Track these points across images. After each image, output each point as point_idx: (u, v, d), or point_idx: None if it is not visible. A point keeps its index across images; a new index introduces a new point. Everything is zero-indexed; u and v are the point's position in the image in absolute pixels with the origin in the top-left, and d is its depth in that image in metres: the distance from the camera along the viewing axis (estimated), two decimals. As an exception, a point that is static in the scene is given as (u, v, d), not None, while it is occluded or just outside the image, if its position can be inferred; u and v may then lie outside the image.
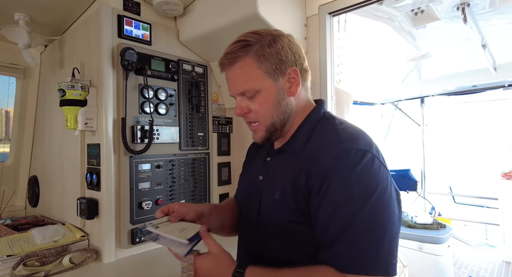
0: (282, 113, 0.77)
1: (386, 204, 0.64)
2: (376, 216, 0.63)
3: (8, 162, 1.82)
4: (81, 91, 1.23)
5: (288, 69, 0.75)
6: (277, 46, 0.74)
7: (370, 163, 0.65)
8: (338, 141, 0.69)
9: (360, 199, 0.63)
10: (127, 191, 1.25)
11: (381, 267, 0.61)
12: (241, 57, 0.74)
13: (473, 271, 3.40)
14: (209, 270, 0.69)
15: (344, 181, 0.64)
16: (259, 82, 0.74)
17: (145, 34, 1.35)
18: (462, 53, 2.78)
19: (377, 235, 0.62)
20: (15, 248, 1.17)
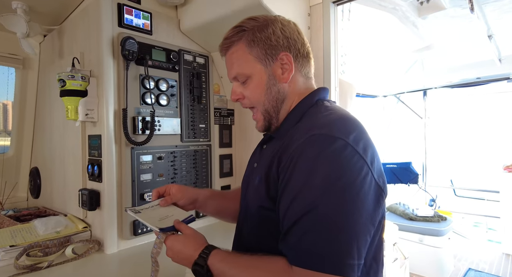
0: (274, 100, 0.76)
1: (352, 197, 0.57)
2: (336, 208, 0.56)
3: (9, 153, 1.82)
4: (82, 81, 1.22)
5: (280, 54, 0.74)
6: (268, 31, 0.74)
7: (339, 151, 0.59)
8: (312, 127, 0.65)
9: (319, 187, 0.57)
10: (128, 183, 1.25)
11: (333, 265, 0.55)
12: (235, 43, 0.76)
13: (473, 263, 3.42)
14: (179, 250, 0.72)
15: (306, 167, 0.60)
16: (249, 67, 0.75)
17: (145, 23, 1.33)
18: (466, 44, 2.74)
19: (333, 230, 0.56)
20: (18, 238, 1.17)
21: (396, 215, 3.56)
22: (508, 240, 3.63)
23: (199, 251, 0.69)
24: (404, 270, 1.93)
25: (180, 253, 0.72)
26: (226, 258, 0.67)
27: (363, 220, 0.58)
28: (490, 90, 4.39)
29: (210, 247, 0.70)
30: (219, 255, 0.68)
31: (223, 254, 0.69)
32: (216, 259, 0.67)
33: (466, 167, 5.45)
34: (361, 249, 0.57)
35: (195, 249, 0.69)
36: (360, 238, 0.57)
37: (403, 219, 3.36)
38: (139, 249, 1.26)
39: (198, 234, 0.75)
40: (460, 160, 5.52)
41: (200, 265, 0.67)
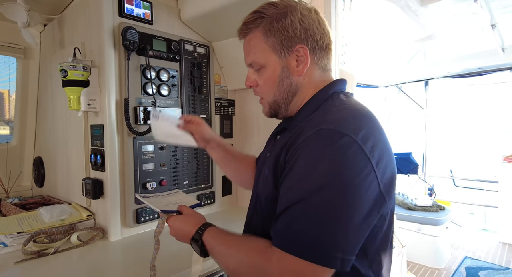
0: (285, 92, 0.75)
1: (348, 195, 0.57)
2: (329, 202, 0.56)
3: (13, 143, 1.84)
4: (83, 71, 1.22)
5: (297, 46, 0.71)
6: (286, 21, 0.71)
7: (345, 148, 0.58)
8: (322, 121, 0.64)
9: (317, 180, 0.58)
10: (131, 172, 1.27)
11: (314, 253, 0.55)
12: (252, 30, 0.75)
13: (470, 251, 3.48)
14: (179, 228, 0.79)
15: (308, 159, 0.60)
16: (264, 57, 0.74)
17: (146, 13, 1.32)
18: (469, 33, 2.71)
19: (322, 221, 0.56)
20: (24, 225, 1.20)
21: (396, 205, 3.60)
22: (505, 230, 3.69)
23: (196, 228, 0.75)
24: (401, 258, 1.97)
25: (181, 230, 0.78)
26: (217, 235, 0.73)
27: (355, 219, 0.57)
28: (492, 80, 4.37)
29: (206, 224, 0.76)
30: (212, 232, 0.74)
31: (216, 231, 0.74)
32: (210, 235, 0.73)
33: (466, 158, 5.47)
34: (351, 245, 0.57)
35: (193, 226, 0.76)
36: (351, 235, 0.57)
37: (402, 209, 3.40)
38: (142, 236, 1.29)
39: (198, 213, 0.82)
40: (460, 151, 5.53)
41: (195, 240, 0.73)
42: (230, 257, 0.69)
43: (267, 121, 1.62)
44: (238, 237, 0.72)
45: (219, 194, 1.68)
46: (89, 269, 1.02)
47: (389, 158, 0.64)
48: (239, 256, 0.66)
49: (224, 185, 1.72)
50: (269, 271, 0.59)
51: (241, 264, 0.66)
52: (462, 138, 5.59)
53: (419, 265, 3.12)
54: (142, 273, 0.96)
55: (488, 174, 4.46)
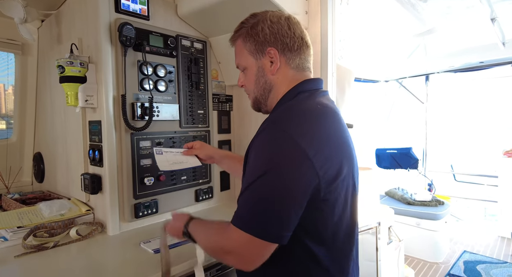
0: (262, 89, 0.88)
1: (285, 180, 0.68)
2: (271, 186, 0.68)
3: (12, 139, 1.86)
4: (80, 67, 1.23)
5: (267, 49, 0.83)
6: (257, 28, 0.84)
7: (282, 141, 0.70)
8: (271, 118, 0.77)
9: (260, 167, 0.70)
10: (129, 167, 1.28)
11: (260, 230, 0.67)
12: (236, 37, 0.90)
13: (468, 245, 3.50)
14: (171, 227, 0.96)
15: (256, 151, 0.74)
16: (245, 60, 0.88)
17: (142, 9, 1.32)
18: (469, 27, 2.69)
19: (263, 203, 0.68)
20: (24, 220, 1.22)
21: (394, 200, 3.62)
22: (504, 224, 3.70)
23: (183, 223, 0.90)
24: (399, 252, 1.99)
25: (173, 227, 0.95)
26: (197, 223, 0.89)
27: (291, 200, 0.68)
28: (493, 75, 4.34)
29: (190, 218, 0.91)
30: (194, 222, 0.90)
31: (197, 221, 0.90)
32: (193, 227, 0.88)
33: (466, 153, 5.46)
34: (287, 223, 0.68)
35: (181, 222, 0.91)
36: (287, 214, 0.68)
37: (402, 204, 3.42)
38: (141, 230, 1.30)
39: (182, 213, 0.98)
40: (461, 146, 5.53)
41: (184, 232, 0.90)
42: (203, 239, 0.84)
43: (264, 116, 1.63)
44: (209, 222, 0.88)
45: (217, 189, 1.70)
46: (88, 263, 1.03)
47: (333, 149, 0.74)
48: (207, 237, 0.82)
49: (222, 180, 1.73)
50: (226, 244, 0.72)
51: (208, 243, 0.81)
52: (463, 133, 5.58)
53: (417, 259, 3.15)
54: (141, 266, 0.98)
55: (488, 169, 4.46)
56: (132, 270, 0.97)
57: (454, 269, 2.93)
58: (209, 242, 0.80)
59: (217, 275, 1.09)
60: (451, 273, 2.85)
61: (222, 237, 0.74)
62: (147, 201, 1.33)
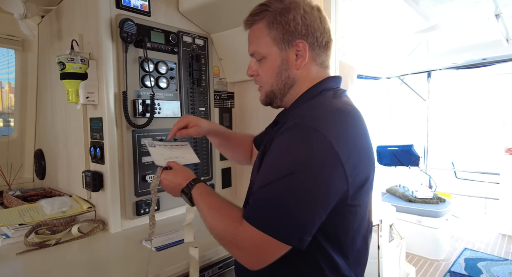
0: (282, 84, 0.80)
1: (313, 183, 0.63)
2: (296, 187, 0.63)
3: (13, 135, 1.85)
4: (81, 64, 1.22)
5: (296, 41, 0.76)
6: (288, 16, 0.75)
7: (315, 141, 0.63)
8: (301, 116, 0.70)
9: (286, 166, 0.64)
10: (130, 165, 1.28)
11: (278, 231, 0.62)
12: (257, 21, 0.79)
13: (469, 243, 3.50)
14: (170, 181, 0.89)
15: (282, 148, 0.68)
16: (266, 48, 0.78)
17: (143, 5, 1.31)
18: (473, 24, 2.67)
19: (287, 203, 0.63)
20: (26, 217, 1.22)
21: (395, 197, 3.62)
22: (505, 221, 3.70)
23: (187, 182, 0.85)
24: (400, 250, 1.99)
25: (171, 182, 0.88)
26: (203, 193, 0.82)
27: (314, 205, 0.64)
28: (496, 72, 4.31)
29: (196, 180, 0.86)
30: (200, 189, 0.83)
31: (203, 188, 0.83)
32: (197, 191, 0.82)
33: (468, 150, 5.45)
34: (308, 227, 0.64)
35: (184, 179, 0.86)
36: (309, 218, 0.63)
37: (403, 201, 3.41)
38: (142, 228, 1.30)
39: (187, 169, 0.92)
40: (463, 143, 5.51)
41: (185, 192, 0.84)
42: (208, 217, 0.76)
43: (266, 113, 1.62)
44: (219, 200, 0.79)
45: (219, 186, 1.69)
46: (90, 260, 1.03)
47: (363, 154, 0.70)
48: (215, 219, 0.74)
49: (224, 177, 1.72)
50: (235, 238, 0.67)
51: (216, 226, 0.73)
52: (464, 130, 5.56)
53: (418, 257, 3.15)
54: (142, 264, 0.98)
55: (490, 166, 4.45)
56: (134, 267, 0.97)
57: (455, 267, 2.93)
58: (217, 227, 0.73)
59: (217, 274, 1.09)
60: (452, 271, 2.85)
61: (234, 229, 0.68)
62: (148, 198, 1.33)
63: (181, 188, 0.85)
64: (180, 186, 0.85)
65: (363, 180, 0.70)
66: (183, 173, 0.89)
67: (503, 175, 3.75)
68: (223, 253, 1.10)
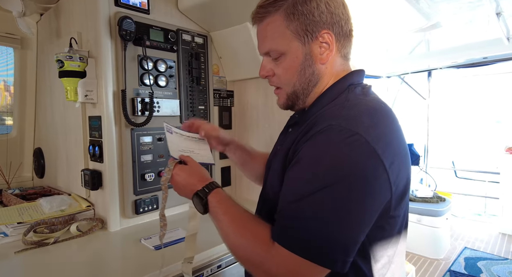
0: (306, 82, 0.70)
1: (353, 196, 0.55)
2: (335, 202, 0.55)
3: (12, 134, 1.85)
4: (80, 62, 1.21)
5: (322, 32, 0.66)
6: (311, 4, 0.65)
7: (354, 146, 0.55)
8: (334, 116, 0.61)
9: (322, 178, 0.55)
10: (129, 163, 1.27)
11: (317, 254, 0.54)
12: (271, 13, 0.68)
13: (469, 242, 3.50)
14: (183, 179, 0.77)
15: (314, 155, 0.58)
16: (285, 43, 0.68)
17: (142, 2, 1.30)
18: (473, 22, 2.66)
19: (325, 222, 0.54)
20: (25, 216, 1.21)
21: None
22: (506, 221, 3.70)
23: (203, 184, 0.73)
24: (399, 249, 1.98)
25: (184, 180, 0.76)
26: (223, 201, 0.70)
27: (360, 219, 0.56)
28: (497, 70, 4.30)
29: (214, 184, 0.73)
30: (218, 195, 0.71)
31: (222, 196, 0.71)
32: (215, 198, 0.70)
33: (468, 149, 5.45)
34: (351, 247, 0.56)
35: (199, 181, 0.74)
36: (352, 236, 0.56)
37: (402, 200, 3.41)
38: (141, 227, 1.30)
39: (203, 168, 0.80)
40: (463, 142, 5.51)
41: (200, 197, 0.71)
42: (231, 233, 0.66)
43: (266, 112, 1.62)
44: (243, 212, 0.68)
45: (218, 185, 1.69)
46: (89, 259, 1.03)
47: (403, 159, 0.62)
48: (240, 238, 0.64)
49: (223, 176, 1.72)
50: (266, 264, 0.58)
51: (241, 246, 0.64)
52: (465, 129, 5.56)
53: (418, 256, 3.15)
54: (141, 262, 0.98)
55: (490, 166, 4.45)
56: (132, 266, 0.97)
57: (454, 266, 2.93)
58: (242, 247, 0.63)
59: (216, 273, 1.09)
60: (452, 270, 2.85)
61: (264, 253, 0.59)
62: (147, 197, 1.33)
63: (195, 190, 0.72)
64: (193, 186, 0.73)
65: (404, 187, 0.62)
66: (199, 173, 0.77)
67: (503, 174, 3.74)
68: (222, 252, 1.10)
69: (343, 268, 0.55)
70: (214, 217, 0.70)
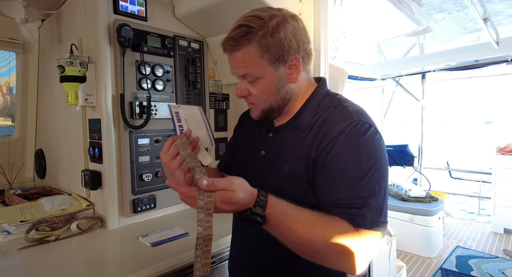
0: (281, 99, 0.80)
1: (385, 172, 0.72)
2: (380, 180, 0.70)
3: (14, 136, 1.90)
4: (80, 67, 1.27)
5: (290, 57, 0.76)
6: (280, 35, 0.73)
7: (374, 135, 0.72)
8: (347, 114, 0.74)
9: (367, 164, 0.69)
10: (128, 164, 1.33)
11: (382, 224, 0.68)
12: (244, 45, 0.73)
13: (461, 241, 3.57)
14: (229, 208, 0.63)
15: (351, 147, 0.70)
16: (260, 70, 0.75)
17: (140, 10, 1.36)
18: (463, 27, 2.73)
19: (381, 197, 0.69)
20: (27, 215, 1.27)
21: (390, 196, 3.68)
22: (498, 220, 3.77)
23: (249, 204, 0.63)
24: (390, 247, 2.04)
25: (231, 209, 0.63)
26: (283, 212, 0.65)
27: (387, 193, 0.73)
28: (489, 73, 4.38)
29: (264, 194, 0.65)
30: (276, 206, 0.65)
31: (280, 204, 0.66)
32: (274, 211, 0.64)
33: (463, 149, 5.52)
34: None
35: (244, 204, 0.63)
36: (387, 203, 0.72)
37: (396, 200, 3.47)
38: (139, 225, 1.35)
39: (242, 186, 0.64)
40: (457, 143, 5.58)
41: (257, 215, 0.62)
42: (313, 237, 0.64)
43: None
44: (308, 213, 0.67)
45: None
46: (88, 255, 1.08)
47: None
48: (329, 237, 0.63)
49: (219, 176, 1.77)
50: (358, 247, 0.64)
51: (332, 244, 0.63)
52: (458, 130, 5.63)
53: (411, 254, 3.21)
54: (139, 259, 1.03)
55: (484, 166, 4.52)
56: (130, 263, 1.02)
57: (446, 264, 2.99)
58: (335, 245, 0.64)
59: (210, 269, 1.14)
60: (443, 268, 2.91)
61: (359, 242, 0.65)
62: (145, 196, 1.38)
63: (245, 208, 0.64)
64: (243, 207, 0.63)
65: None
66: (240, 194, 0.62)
67: (495, 175, 3.82)
68: (216, 248, 1.15)
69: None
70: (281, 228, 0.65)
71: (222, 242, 1.16)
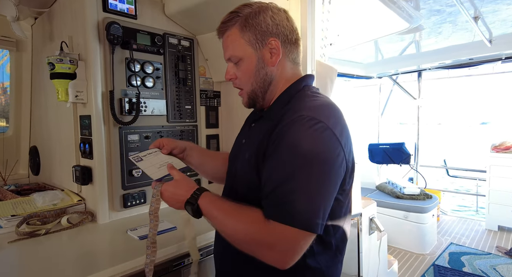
0: (261, 81, 0.85)
1: (326, 170, 0.70)
2: (312, 177, 0.68)
3: (9, 133, 1.92)
4: (70, 64, 1.29)
5: (269, 39, 0.82)
6: (259, 18, 0.81)
7: (320, 131, 0.70)
8: (301, 108, 0.75)
9: (300, 158, 0.68)
10: (117, 160, 1.35)
11: (303, 222, 0.66)
12: (229, 27, 0.84)
13: (455, 238, 3.59)
14: (172, 193, 0.85)
15: (290, 141, 0.71)
16: (241, 50, 0.83)
17: (130, 8, 1.38)
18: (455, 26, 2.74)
19: (308, 195, 0.68)
20: (18, 209, 1.29)
21: (384, 194, 3.70)
22: (492, 217, 3.79)
23: (191, 192, 0.81)
24: (380, 242, 2.07)
25: (174, 194, 0.84)
26: (214, 201, 0.79)
27: (331, 189, 0.71)
28: (485, 71, 4.39)
29: (201, 189, 0.82)
30: (208, 197, 0.80)
31: (211, 196, 0.81)
32: (205, 200, 0.79)
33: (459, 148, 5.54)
34: (326, 212, 0.70)
35: (187, 190, 0.82)
36: (327, 204, 0.70)
37: (391, 197, 3.50)
38: (129, 219, 1.38)
39: (189, 178, 0.88)
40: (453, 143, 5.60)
41: (191, 203, 0.79)
42: (228, 222, 0.76)
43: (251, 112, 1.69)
44: (233, 204, 0.79)
45: (205, 181, 1.76)
46: (78, 248, 1.10)
47: (351, 143, 0.79)
48: (236, 224, 0.74)
49: (210, 173, 1.79)
50: (267, 238, 0.69)
51: (239, 231, 0.74)
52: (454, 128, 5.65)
53: (405, 251, 3.24)
54: (129, 252, 1.05)
55: (480, 164, 4.54)
56: (118, 255, 1.04)
57: (439, 260, 3.02)
58: (241, 230, 0.73)
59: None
60: (436, 264, 2.94)
61: (261, 231, 0.69)
62: (135, 192, 1.41)
63: (185, 200, 0.81)
64: (183, 197, 0.81)
65: (352, 165, 0.80)
66: (186, 183, 0.85)
67: (489, 173, 3.84)
68: (203, 242, 1.17)
69: (321, 230, 0.69)
70: (209, 216, 0.79)
71: (209, 236, 1.18)
